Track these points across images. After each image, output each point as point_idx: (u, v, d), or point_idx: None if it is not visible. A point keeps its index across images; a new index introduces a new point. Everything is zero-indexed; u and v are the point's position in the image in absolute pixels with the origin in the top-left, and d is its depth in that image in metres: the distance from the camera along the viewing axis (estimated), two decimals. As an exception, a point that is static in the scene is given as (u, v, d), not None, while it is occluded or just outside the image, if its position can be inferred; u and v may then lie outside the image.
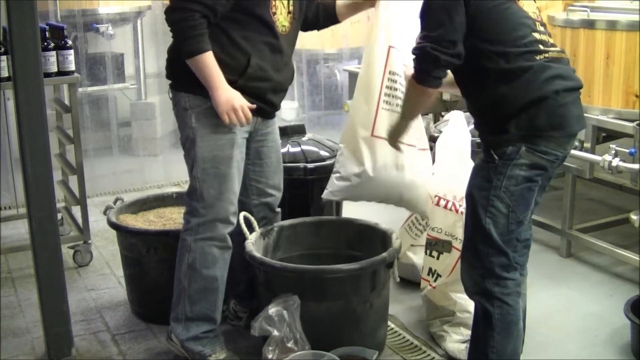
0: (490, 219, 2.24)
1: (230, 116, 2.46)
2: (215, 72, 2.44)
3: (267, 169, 2.84)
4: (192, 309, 2.64)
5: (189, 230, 2.62)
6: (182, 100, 2.57)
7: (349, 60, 6.15)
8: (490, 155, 2.24)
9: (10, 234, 4.08)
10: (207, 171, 2.56)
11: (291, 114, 6.28)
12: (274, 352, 2.52)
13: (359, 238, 3.04)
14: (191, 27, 2.39)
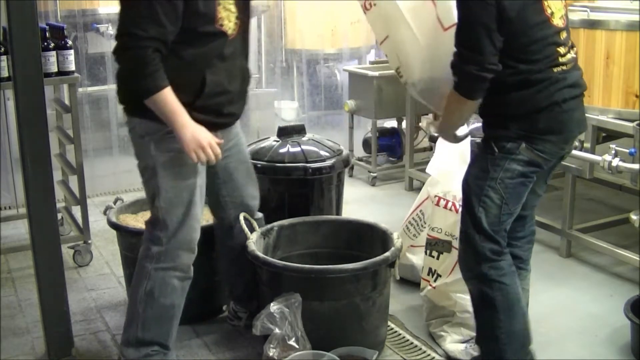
0: (482, 208, 2.32)
1: (198, 154, 2.33)
2: (177, 109, 2.30)
3: (238, 183, 2.77)
4: (144, 334, 2.53)
5: (149, 258, 2.51)
6: (138, 127, 2.44)
7: (349, 60, 6.15)
8: (490, 146, 2.32)
9: (10, 234, 4.08)
10: (171, 200, 2.45)
11: (291, 114, 6.28)
12: (275, 350, 2.52)
13: (358, 238, 3.04)
14: (145, 64, 2.25)
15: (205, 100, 2.41)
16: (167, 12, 2.26)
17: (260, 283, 2.84)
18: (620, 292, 3.31)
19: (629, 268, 3.52)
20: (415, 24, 2.55)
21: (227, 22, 2.41)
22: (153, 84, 2.28)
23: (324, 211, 3.31)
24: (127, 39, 2.27)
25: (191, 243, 2.54)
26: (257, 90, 6.14)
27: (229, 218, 2.81)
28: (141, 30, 2.24)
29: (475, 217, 2.33)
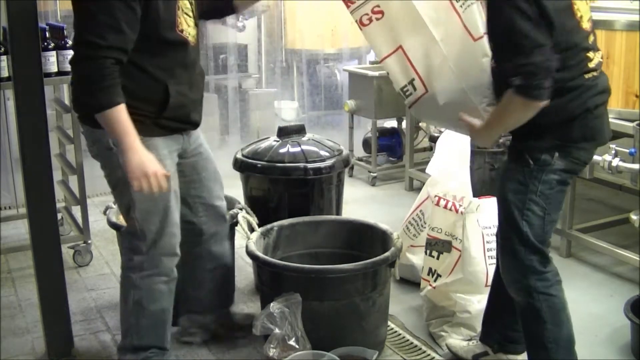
0: (526, 222, 2.28)
1: (142, 183, 2.22)
2: (129, 129, 2.20)
3: (206, 182, 2.69)
4: (140, 342, 2.52)
5: (133, 268, 2.47)
6: (105, 139, 2.32)
7: (349, 60, 6.15)
8: (524, 160, 2.26)
9: (10, 234, 4.08)
10: (147, 210, 2.39)
11: (291, 114, 6.28)
12: (275, 350, 2.53)
13: (358, 237, 3.04)
14: (103, 77, 2.15)
15: (170, 111, 2.36)
16: (127, 18, 2.17)
17: (260, 283, 2.84)
18: (620, 292, 3.31)
19: (629, 268, 3.52)
20: (438, 33, 2.42)
21: (186, 28, 2.36)
22: (108, 99, 2.18)
23: (324, 211, 3.31)
24: (85, 48, 2.17)
25: (173, 248, 2.49)
26: (257, 90, 6.14)
27: (200, 223, 2.72)
28: (100, 38, 2.14)
29: (522, 232, 2.29)
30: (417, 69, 2.49)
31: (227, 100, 5.77)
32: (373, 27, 2.52)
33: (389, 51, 2.52)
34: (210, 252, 2.77)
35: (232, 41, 5.82)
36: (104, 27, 2.15)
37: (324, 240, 3.08)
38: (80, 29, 2.20)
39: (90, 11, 2.16)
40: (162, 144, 2.38)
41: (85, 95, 2.23)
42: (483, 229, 2.89)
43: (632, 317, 2.79)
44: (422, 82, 2.48)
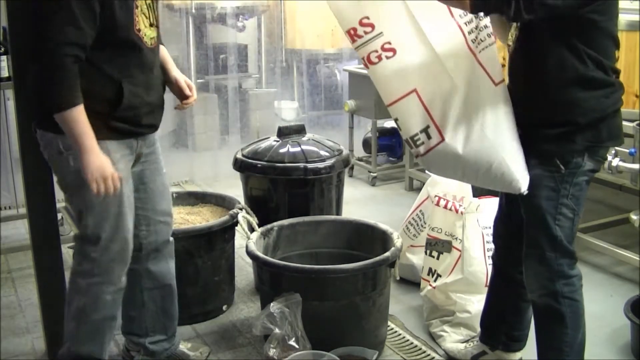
0: (558, 226, 2.26)
1: (99, 185, 2.19)
2: (87, 130, 2.16)
3: (152, 194, 2.56)
4: (79, 349, 2.44)
5: (82, 274, 2.39)
6: (55, 142, 2.27)
7: (349, 60, 6.15)
8: (555, 165, 2.22)
9: (10, 234, 4.08)
10: (99, 215, 2.32)
11: (291, 114, 6.29)
12: (275, 350, 2.52)
13: (358, 237, 3.04)
14: (64, 76, 2.12)
15: (123, 112, 2.29)
16: (85, 14, 2.13)
17: (260, 283, 2.84)
18: (620, 292, 3.31)
19: (629, 268, 3.52)
20: (457, 76, 2.22)
21: (144, 29, 2.31)
22: (68, 99, 2.13)
23: (324, 211, 3.31)
24: (45, 44, 2.12)
25: (124, 255, 2.41)
26: (257, 90, 6.15)
27: (140, 237, 2.55)
28: (60, 34, 2.10)
29: (555, 237, 2.26)
30: (433, 115, 2.24)
31: (227, 100, 5.78)
32: (383, 66, 2.26)
33: (401, 94, 2.25)
34: (148, 271, 2.62)
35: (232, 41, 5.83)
36: (63, 23, 2.11)
37: (324, 240, 3.08)
38: (39, 26, 2.14)
39: (48, 8, 2.13)
40: (114, 147, 2.31)
41: (45, 94, 2.18)
42: (483, 229, 2.89)
43: (632, 317, 2.79)
44: (438, 130, 2.24)
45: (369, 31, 2.24)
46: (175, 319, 2.73)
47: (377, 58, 2.26)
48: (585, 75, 2.15)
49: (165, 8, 5.82)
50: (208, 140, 5.73)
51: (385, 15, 2.22)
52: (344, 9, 2.26)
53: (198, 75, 5.79)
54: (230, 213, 3.09)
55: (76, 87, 2.15)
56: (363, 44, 2.28)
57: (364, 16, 2.22)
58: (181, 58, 5.71)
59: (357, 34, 2.28)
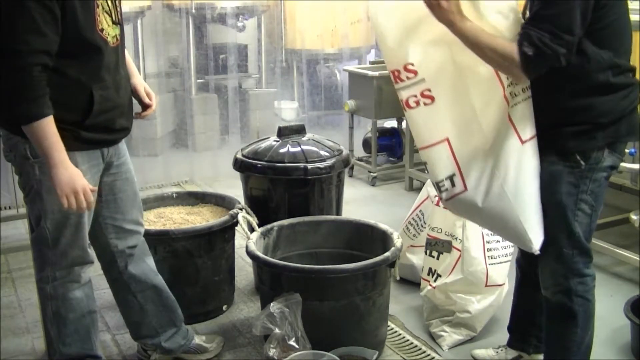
0: (577, 222, 2.26)
1: (70, 200, 2.13)
2: (57, 143, 2.09)
3: (122, 204, 2.49)
4: (69, 350, 2.44)
5: (46, 279, 2.37)
6: (21, 147, 2.20)
7: (349, 60, 6.16)
8: (575, 160, 2.22)
9: (10, 234, 4.08)
10: (58, 222, 2.27)
11: (291, 114, 6.29)
12: (275, 350, 2.53)
13: (358, 237, 3.04)
14: (31, 87, 2.03)
15: (95, 118, 2.22)
16: (46, 19, 2.04)
17: (260, 283, 2.84)
18: (620, 292, 3.31)
19: (629, 268, 3.52)
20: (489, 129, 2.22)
21: (106, 27, 2.23)
22: (36, 110, 2.05)
23: (324, 211, 3.31)
24: (9, 56, 2.02)
25: (84, 258, 2.38)
26: (257, 90, 6.15)
27: (110, 247, 2.52)
28: (23, 44, 2.02)
29: (573, 233, 2.26)
30: (460, 165, 2.26)
31: (227, 100, 5.78)
32: (419, 111, 2.26)
33: (433, 141, 2.27)
34: (131, 276, 2.59)
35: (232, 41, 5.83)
36: (25, 31, 2.02)
37: (324, 240, 3.08)
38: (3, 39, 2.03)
39: (7, 16, 2.02)
40: (81, 159, 2.24)
41: (12, 106, 2.08)
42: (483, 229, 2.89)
43: (632, 317, 2.79)
44: (462, 179, 2.27)
45: (412, 77, 2.22)
46: (176, 308, 2.73)
47: (415, 103, 2.26)
48: (604, 81, 2.15)
49: (165, 8, 5.82)
50: (208, 140, 5.73)
51: (430, 63, 2.22)
52: (390, 52, 2.24)
53: (198, 75, 5.79)
54: (230, 213, 3.09)
55: (45, 97, 2.06)
56: (404, 87, 2.26)
57: (408, 62, 2.22)
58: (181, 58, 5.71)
59: (400, 77, 2.25)
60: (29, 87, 2.04)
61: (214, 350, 2.83)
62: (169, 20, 5.86)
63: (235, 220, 3.06)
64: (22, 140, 2.18)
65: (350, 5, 5.98)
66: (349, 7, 5.97)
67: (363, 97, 5.11)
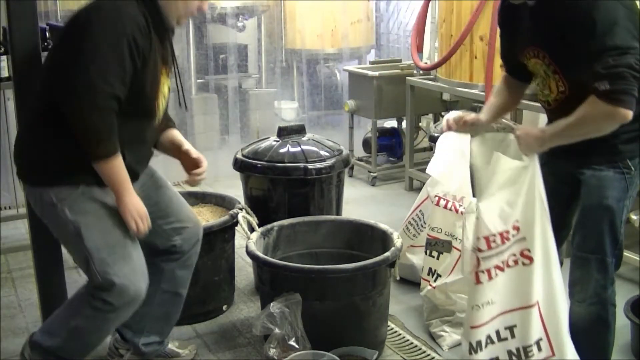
0: (622, 228, 2.23)
1: (137, 224, 2.26)
2: (126, 175, 2.23)
3: (170, 206, 2.58)
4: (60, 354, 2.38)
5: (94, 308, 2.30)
6: (46, 196, 2.26)
7: (349, 60, 6.16)
8: (627, 165, 2.19)
9: (10, 234, 4.08)
10: (106, 260, 2.26)
11: (291, 114, 6.29)
12: (275, 350, 2.53)
13: (358, 237, 3.04)
14: (109, 127, 2.16)
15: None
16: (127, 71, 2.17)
17: (260, 283, 2.84)
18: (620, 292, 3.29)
19: (629, 268, 3.52)
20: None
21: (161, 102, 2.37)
22: (112, 147, 2.18)
23: (324, 211, 3.31)
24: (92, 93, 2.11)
25: (141, 292, 2.33)
26: (257, 90, 6.15)
27: (176, 246, 2.60)
28: (109, 85, 2.13)
29: (617, 241, 2.23)
30: (548, 329, 2.23)
31: (227, 100, 5.78)
32: (514, 271, 2.21)
33: (524, 304, 2.22)
34: (172, 273, 2.62)
35: (232, 41, 5.83)
36: (113, 75, 2.14)
37: (324, 240, 3.08)
38: (87, 70, 2.11)
39: (104, 56, 2.13)
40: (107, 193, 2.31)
41: (91, 144, 2.17)
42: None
43: (632, 317, 2.79)
44: (550, 345, 2.23)
45: (515, 234, 2.20)
46: (173, 325, 2.74)
47: (514, 262, 2.21)
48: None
49: (165, 8, 5.82)
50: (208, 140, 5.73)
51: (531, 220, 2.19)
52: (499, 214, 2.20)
53: (198, 75, 5.79)
54: (230, 213, 3.09)
55: (116, 136, 2.18)
56: (507, 248, 2.20)
57: (516, 219, 2.19)
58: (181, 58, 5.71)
59: (507, 237, 2.19)
60: (108, 128, 2.16)
61: (186, 357, 2.80)
62: (169, 20, 5.86)
63: (235, 220, 3.06)
64: (43, 189, 2.27)
65: (350, 5, 5.98)
66: (349, 7, 5.97)
67: (363, 97, 5.11)
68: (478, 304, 2.20)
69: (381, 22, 6.76)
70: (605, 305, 2.28)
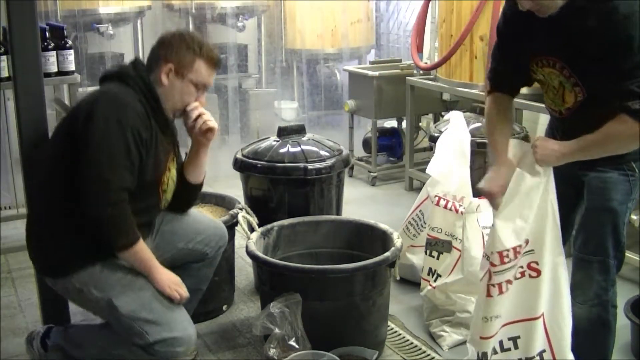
0: (624, 230, 2.22)
1: (178, 291, 2.35)
2: (150, 256, 2.33)
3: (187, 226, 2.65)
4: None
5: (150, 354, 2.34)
6: (70, 285, 2.35)
7: (349, 60, 6.15)
8: (631, 168, 2.19)
9: (10, 234, 4.08)
10: (148, 319, 2.31)
11: (291, 114, 6.28)
12: (275, 350, 2.53)
13: (358, 237, 3.04)
14: (125, 218, 2.24)
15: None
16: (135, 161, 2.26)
17: (260, 283, 2.84)
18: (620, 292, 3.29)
19: (629, 268, 3.52)
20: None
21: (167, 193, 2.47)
22: (134, 236, 2.27)
23: (324, 211, 3.31)
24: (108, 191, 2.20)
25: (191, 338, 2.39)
26: (257, 90, 6.15)
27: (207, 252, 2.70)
28: (120, 179, 2.22)
29: (620, 242, 2.23)
30: (552, 342, 2.24)
31: (227, 100, 5.78)
32: (521, 283, 2.22)
33: (529, 315, 2.23)
34: (198, 271, 2.70)
35: (232, 41, 5.83)
36: (122, 167, 2.22)
37: (324, 240, 3.08)
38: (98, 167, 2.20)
39: (111, 150, 2.21)
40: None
41: (111, 237, 2.26)
42: (483, 229, 2.89)
43: (632, 317, 2.79)
44: (553, 356, 2.25)
45: (524, 245, 2.19)
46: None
47: (521, 274, 2.21)
48: None
49: (165, 8, 5.82)
50: (208, 140, 5.72)
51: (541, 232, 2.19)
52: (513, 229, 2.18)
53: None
54: (230, 213, 3.09)
55: (133, 224, 2.27)
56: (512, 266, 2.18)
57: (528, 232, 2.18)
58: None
59: (519, 251, 2.17)
60: (124, 219, 2.24)
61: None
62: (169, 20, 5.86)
63: (235, 220, 3.05)
64: (65, 279, 2.34)
65: (350, 5, 5.98)
66: (349, 7, 5.96)
67: (363, 97, 5.11)
68: (487, 316, 2.20)
69: (381, 22, 6.76)
70: (606, 307, 2.28)
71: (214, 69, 2.44)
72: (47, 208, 2.38)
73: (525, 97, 3.88)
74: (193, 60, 2.37)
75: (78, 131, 2.25)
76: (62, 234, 2.33)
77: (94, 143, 2.21)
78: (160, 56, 2.38)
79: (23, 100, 2.58)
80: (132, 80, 2.35)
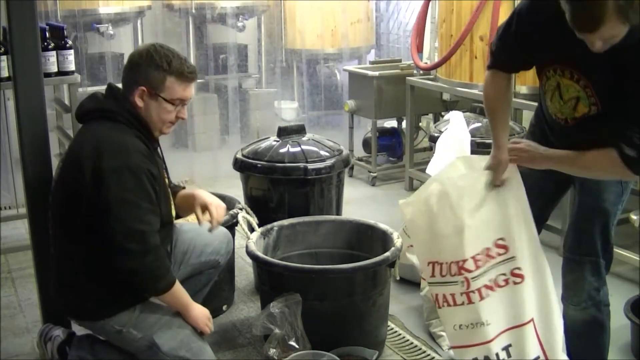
0: (613, 231, 2.24)
1: (209, 326, 2.40)
2: (185, 293, 2.36)
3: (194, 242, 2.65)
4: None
5: None
6: (108, 327, 2.34)
7: (349, 60, 6.15)
8: None
9: (10, 234, 4.08)
10: (183, 357, 2.35)
11: (291, 114, 6.29)
12: (275, 350, 2.53)
13: (358, 237, 3.04)
14: (163, 261, 2.28)
15: None
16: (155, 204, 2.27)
17: (260, 283, 2.84)
18: (620, 292, 3.30)
19: (629, 268, 3.52)
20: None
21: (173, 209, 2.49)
22: (171, 279, 2.29)
23: (324, 211, 3.31)
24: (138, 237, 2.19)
25: None
26: (257, 90, 6.15)
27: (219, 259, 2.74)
28: (148, 225, 2.22)
29: (609, 242, 2.24)
30: (545, 347, 2.23)
31: (227, 100, 5.78)
32: (505, 290, 2.20)
33: (519, 322, 2.21)
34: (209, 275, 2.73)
35: (232, 41, 5.83)
36: (149, 215, 2.23)
37: (324, 240, 3.08)
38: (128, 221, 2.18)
39: (134, 201, 2.19)
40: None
41: (149, 284, 2.27)
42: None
43: (632, 317, 2.79)
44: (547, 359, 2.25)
45: (502, 253, 2.19)
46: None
47: (504, 282, 2.20)
48: None
49: (165, 8, 5.82)
50: (208, 140, 5.73)
51: (519, 238, 2.19)
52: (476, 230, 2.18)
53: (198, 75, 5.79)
54: (230, 213, 3.09)
55: (170, 266, 2.33)
56: (494, 266, 2.19)
57: (499, 237, 2.18)
58: (181, 58, 5.70)
59: (490, 255, 2.18)
60: (163, 262, 2.27)
61: None
62: (169, 20, 5.86)
63: (235, 220, 3.05)
64: (103, 322, 2.33)
65: (350, 5, 5.98)
66: (349, 7, 5.97)
67: (363, 97, 5.11)
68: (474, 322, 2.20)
69: (381, 22, 6.76)
70: (599, 307, 2.29)
71: (188, 82, 2.38)
72: (73, 258, 2.33)
73: (525, 97, 3.89)
74: (164, 78, 2.31)
75: (90, 195, 2.20)
76: (96, 283, 2.30)
77: (114, 201, 2.17)
78: (131, 79, 2.32)
79: (23, 100, 2.58)
80: (119, 115, 2.29)
